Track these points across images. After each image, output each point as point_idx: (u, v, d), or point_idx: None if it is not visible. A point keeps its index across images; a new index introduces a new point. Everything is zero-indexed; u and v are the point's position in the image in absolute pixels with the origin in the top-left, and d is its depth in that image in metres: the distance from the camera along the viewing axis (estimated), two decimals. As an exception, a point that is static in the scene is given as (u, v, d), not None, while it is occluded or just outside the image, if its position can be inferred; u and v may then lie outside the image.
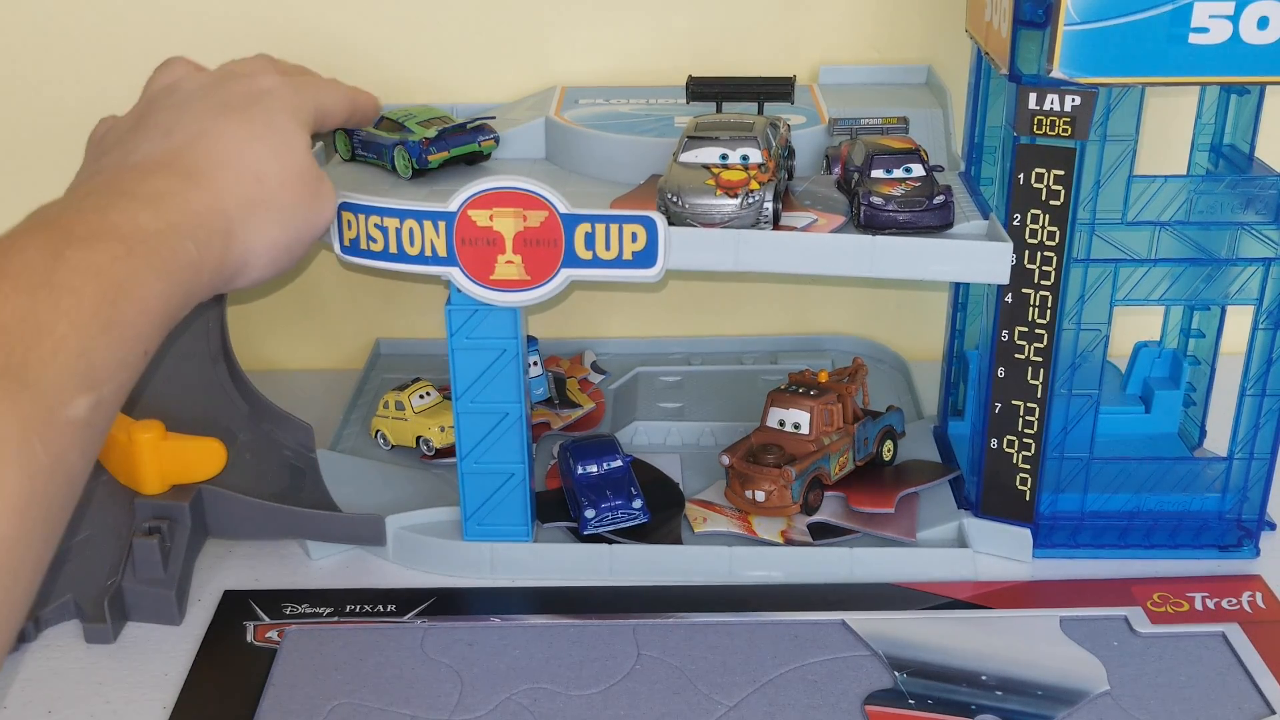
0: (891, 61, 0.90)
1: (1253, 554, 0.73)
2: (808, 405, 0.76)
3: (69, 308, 0.46)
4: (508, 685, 0.64)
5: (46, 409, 0.44)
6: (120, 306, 0.48)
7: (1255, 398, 0.71)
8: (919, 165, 0.68)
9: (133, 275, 0.49)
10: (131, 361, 0.49)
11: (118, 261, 0.49)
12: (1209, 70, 0.62)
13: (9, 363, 0.43)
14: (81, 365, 0.46)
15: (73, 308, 0.46)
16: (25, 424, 0.43)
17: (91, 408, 0.46)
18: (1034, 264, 0.68)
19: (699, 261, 0.66)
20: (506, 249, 0.66)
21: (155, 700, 0.64)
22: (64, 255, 0.47)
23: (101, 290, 0.47)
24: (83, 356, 0.46)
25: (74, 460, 0.45)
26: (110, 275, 0.48)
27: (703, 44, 0.91)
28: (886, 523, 0.74)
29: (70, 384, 0.45)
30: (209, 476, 0.72)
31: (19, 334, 0.44)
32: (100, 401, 0.47)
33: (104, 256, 0.49)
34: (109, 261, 0.49)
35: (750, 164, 0.67)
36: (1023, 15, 0.64)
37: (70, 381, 0.45)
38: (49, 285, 0.46)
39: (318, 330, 1.00)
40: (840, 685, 0.63)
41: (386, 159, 0.75)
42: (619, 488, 0.74)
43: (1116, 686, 0.63)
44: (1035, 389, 0.70)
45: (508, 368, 0.69)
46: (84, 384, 0.46)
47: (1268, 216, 0.68)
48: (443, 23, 0.90)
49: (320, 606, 0.70)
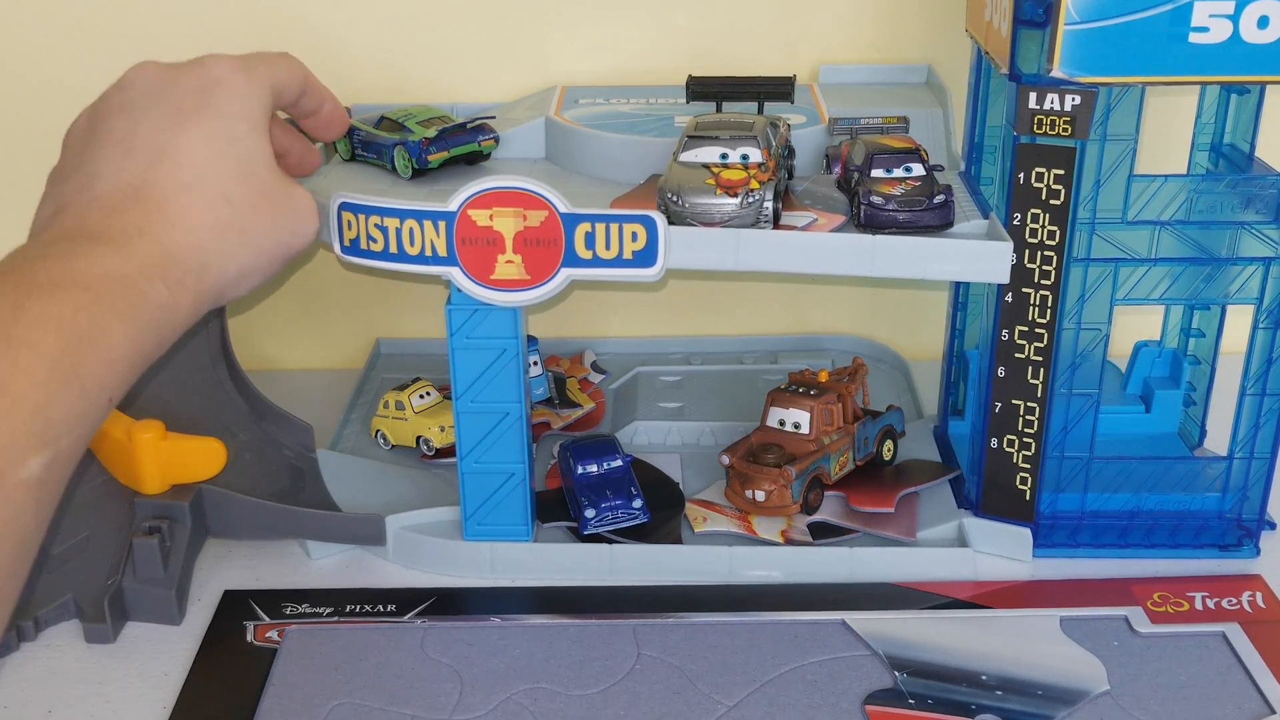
0: (891, 61, 0.90)
1: (1253, 554, 0.73)
2: (808, 405, 0.76)
3: (27, 364, 0.45)
4: (508, 685, 0.64)
5: None
6: (83, 358, 0.47)
7: (1255, 397, 0.71)
8: (919, 165, 0.68)
9: (97, 324, 0.48)
10: (92, 413, 0.48)
11: (81, 311, 0.47)
12: (1209, 70, 0.62)
13: None
14: (38, 423, 0.44)
15: (31, 363, 0.45)
16: None
17: (46, 466, 0.45)
18: (1034, 263, 0.68)
19: (699, 261, 0.66)
20: (507, 249, 0.66)
21: (155, 700, 0.64)
22: (24, 307, 0.46)
23: (63, 342, 0.46)
24: (40, 414, 0.44)
25: (26, 521, 0.44)
26: (73, 326, 0.47)
27: (703, 44, 0.91)
28: (886, 522, 0.74)
29: (25, 444, 0.44)
30: (209, 476, 0.72)
31: None
32: (56, 457, 0.45)
33: (67, 306, 0.47)
34: (72, 311, 0.47)
35: (750, 163, 0.67)
36: (1023, 15, 0.64)
37: (25, 441, 0.44)
38: (6, 340, 0.45)
39: (318, 330, 1.00)
40: (840, 685, 0.63)
41: (386, 159, 0.75)
42: (619, 488, 0.74)
43: (1116, 686, 0.63)
44: (1035, 388, 0.70)
45: (508, 368, 0.69)
46: (39, 442, 0.44)
47: (1268, 216, 0.68)
48: (443, 23, 0.90)
49: (320, 606, 0.70)
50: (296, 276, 0.98)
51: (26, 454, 0.44)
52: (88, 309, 0.48)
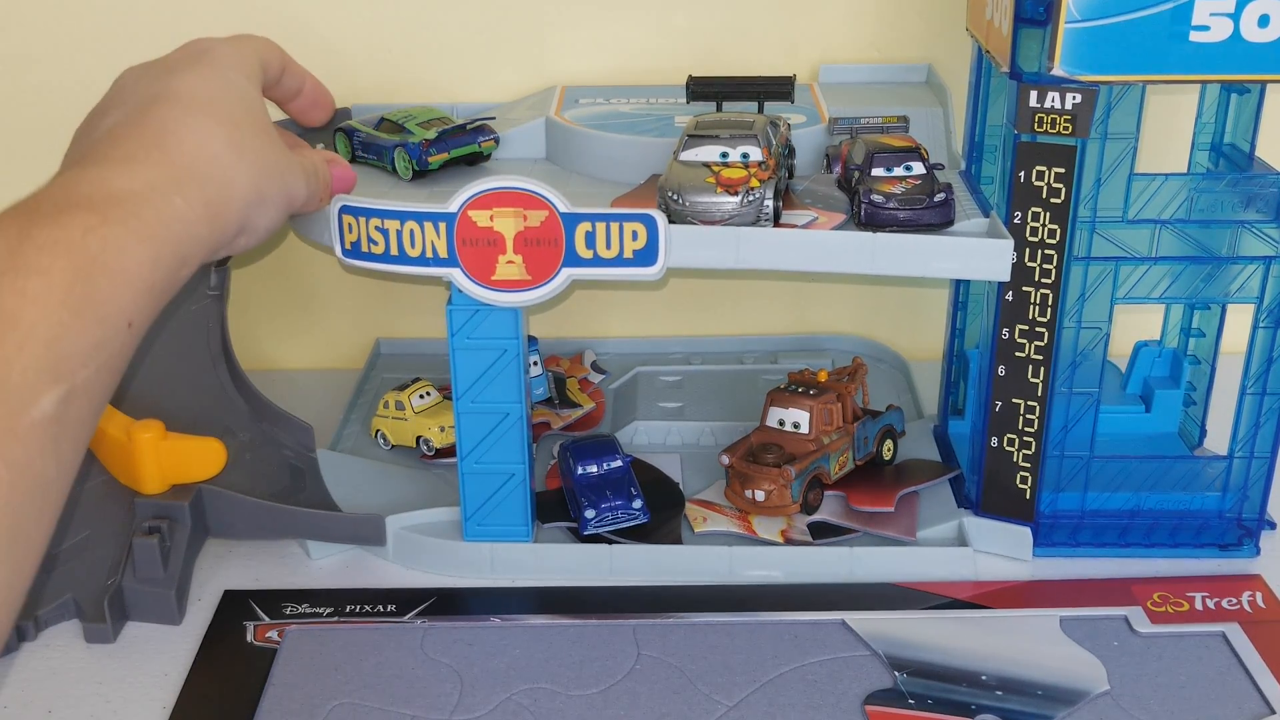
0: (892, 60, 0.90)
1: (1253, 553, 0.73)
2: (807, 405, 0.76)
3: (36, 292, 0.42)
4: (508, 685, 0.64)
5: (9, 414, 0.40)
6: (96, 282, 0.44)
7: (1255, 397, 0.71)
8: (919, 163, 0.68)
9: (109, 245, 0.45)
10: (111, 340, 0.45)
11: (90, 233, 0.45)
12: (1209, 68, 0.62)
13: None
14: (51, 356, 0.42)
15: (41, 291, 0.42)
16: None
17: (61, 401, 0.42)
18: (1034, 262, 0.68)
19: (700, 259, 0.66)
20: (507, 249, 0.66)
21: (155, 700, 0.64)
22: (30, 235, 0.44)
23: (73, 267, 0.44)
24: (52, 346, 0.42)
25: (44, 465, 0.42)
26: (83, 249, 0.44)
27: (703, 44, 0.91)
28: (886, 522, 0.74)
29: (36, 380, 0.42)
30: (209, 476, 0.72)
31: None
32: (72, 392, 0.43)
33: (74, 230, 0.45)
34: (80, 234, 0.45)
35: (750, 162, 0.67)
36: (1024, 13, 0.64)
37: (38, 377, 0.42)
38: (14, 270, 0.42)
39: (318, 330, 1.00)
40: (840, 685, 0.63)
41: (386, 160, 0.75)
42: (619, 488, 0.74)
43: (1116, 686, 0.63)
44: (1036, 387, 0.70)
45: (508, 368, 0.69)
46: (53, 377, 0.42)
47: (1268, 215, 0.68)
48: (443, 23, 0.90)
49: (320, 606, 0.70)
50: (296, 277, 0.97)
51: (39, 391, 0.42)
52: (97, 230, 0.45)
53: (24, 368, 0.41)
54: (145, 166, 0.50)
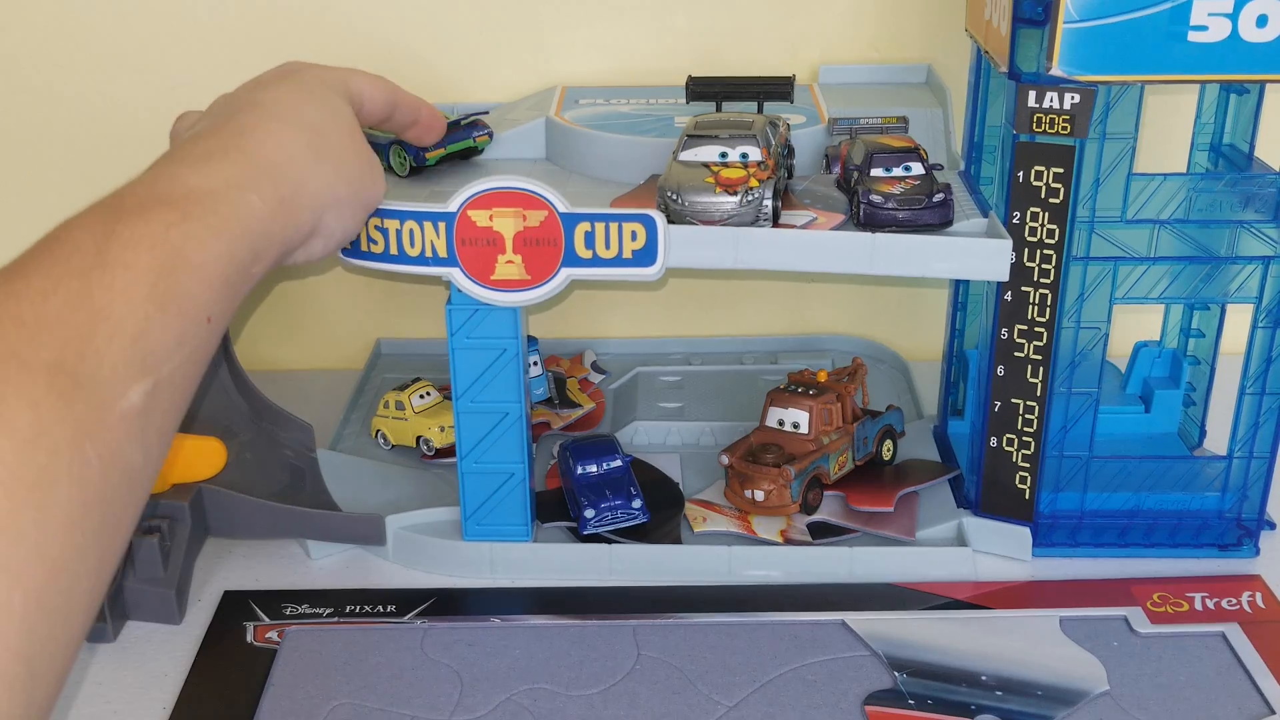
0: (891, 61, 0.90)
1: (1252, 553, 0.73)
2: (807, 405, 0.76)
3: (124, 286, 0.44)
4: (508, 685, 0.64)
5: (100, 406, 0.41)
6: (178, 277, 0.46)
7: (1255, 397, 0.71)
8: (918, 164, 0.68)
9: (190, 240, 0.47)
10: (193, 335, 0.46)
11: (172, 228, 0.46)
12: (1208, 68, 0.62)
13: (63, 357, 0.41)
14: (138, 350, 0.43)
15: (128, 285, 0.44)
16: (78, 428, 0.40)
17: (148, 394, 0.43)
18: (1033, 262, 0.68)
19: (699, 259, 0.66)
20: (507, 249, 0.66)
21: (155, 700, 0.64)
22: (115, 231, 0.45)
23: (157, 262, 0.45)
24: (139, 340, 0.43)
25: (132, 455, 0.43)
26: (165, 244, 0.46)
27: (703, 44, 0.91)
28: (886, 522, 0.74)
29: (126, 373, 0.43)
30: (209, 476, 0.72)
31: (73, 323, 0.42)
32: (158, 385, 0.44)
33: (157, 225, 0.46)
34: (163, 230, 0.46)
35: (750, 162, 0.67)
36: (1022, 13, 0.64)
37: (126, 370, 0.43)
38: (102, 265, 0.44)
39: (318, 330, 1.00)
40: (840, 685, 0.63)
41: (383, 158, 0.75)
42: (619, 488, 0.74)
43: (1116, 686, 0.63)
44: (1035, 387, 0.70)
45: (508, 368, 0.69)
46: (140, 370, 0.43)
47: (1267, 215, 0.68)
48: (443, 23, 0.90)
49: (320, 606, 0.70)
50: (297, 277, 0.98)
51: (128, 383, 0.43)
52: (178, 225, 0.47)
53: (114, 361, 0.42)
54: (223, 164, 0.52)
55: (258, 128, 0.55)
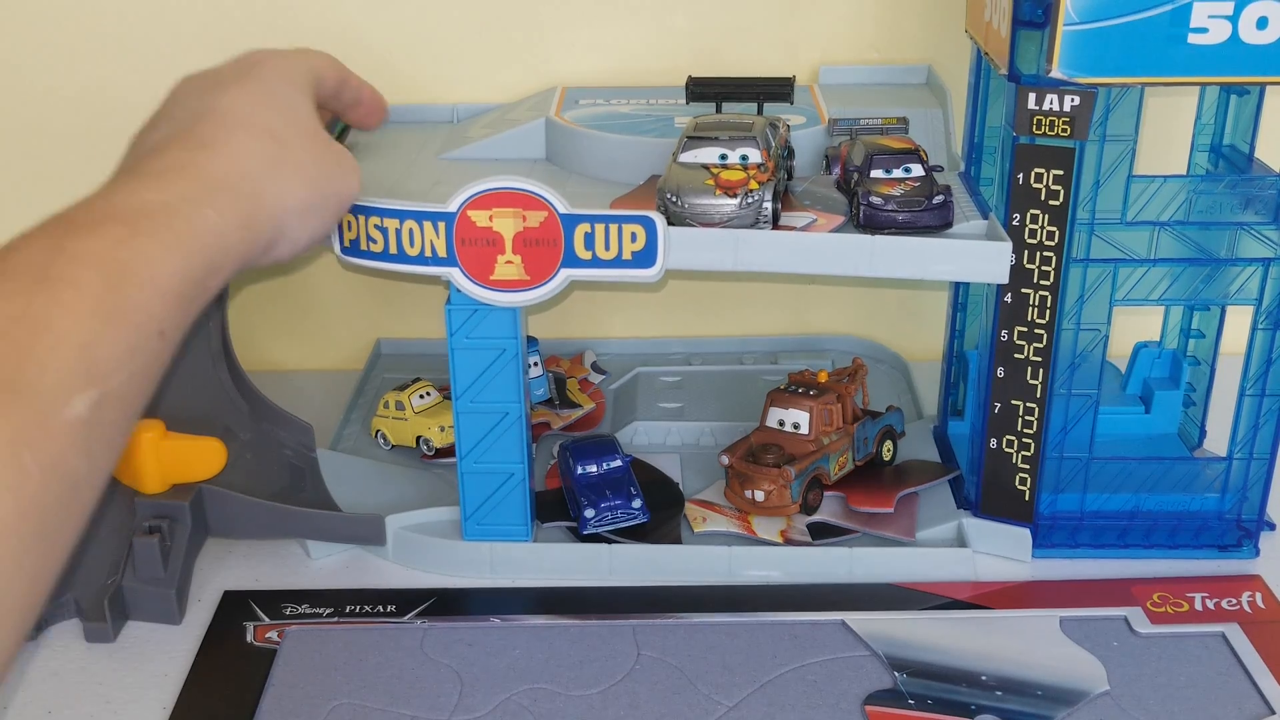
0: (891, 62, 0.90)
1: (1252, 554, 0.73)
2: (807, 405, 0.76)
3: (69, 300, 0.44)
4: (508, 685, 0.64)
5: (39, 414, 0.42)
6: (126, 291, 0.46)
7: (1255, 398, 0.71)
8: (918, 165, 0.68)
9: (139, 256, 0.47)
10: (144, 347, 0.47)
11: (121, 244, 0.47)
12: (1208, 70, 0.62)
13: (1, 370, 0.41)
14: (83, 361, 0.44)
15: (73, 300, 0.44)
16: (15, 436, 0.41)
17: (94, 404, 0.44)
18: (1033, 264, 0.68)
19: (698, 261, 0.66)
20: (506, 249, 0.66)
21: (155, 700, 0.64)
22: (63, 246, 0.46)
23: (104, 278, 0.46)
24: (84, 351, 0.44)
25: (75, 464, 0.43)
26: (113, 259, 0.46)
27: (703, 44, 0.91)
28: (886, 522, 0.74)
29: (69, 383, 0.43)
30: (209, 476, 0.72)
31: (14, 336, 0.42)
32: (106, 396, 0.45)
33: (105, 241, 0.47)
34: (111, 245, 0.47)
35: (749, 164, 0.67)
36: (1022, 15, 0.64)
37: (69, 380, 0.43)
38: (46, 280, 0.44)
39: (318, 330, 1.00)
40: (840, 685, 0.63)
41: None
42: (618, 487, 0.74)
43: (1116, 686, 0.63)
44: (1035, 389, 0.70)
45: (508, 368, 0.69)
46: (86, 380, 0.44)
47: (1267, 217, 0.68)
48: (443, 23, 0.90)
49: (320, 606, 0.70)
50: (296, 277, 0.98)
51: (71, 392, 0.43)
52: (127, 242, 0.47)
53: (56, 369, 0.43)
54: (180, 179, 0.52)
55: (216, 138, 0.56)
